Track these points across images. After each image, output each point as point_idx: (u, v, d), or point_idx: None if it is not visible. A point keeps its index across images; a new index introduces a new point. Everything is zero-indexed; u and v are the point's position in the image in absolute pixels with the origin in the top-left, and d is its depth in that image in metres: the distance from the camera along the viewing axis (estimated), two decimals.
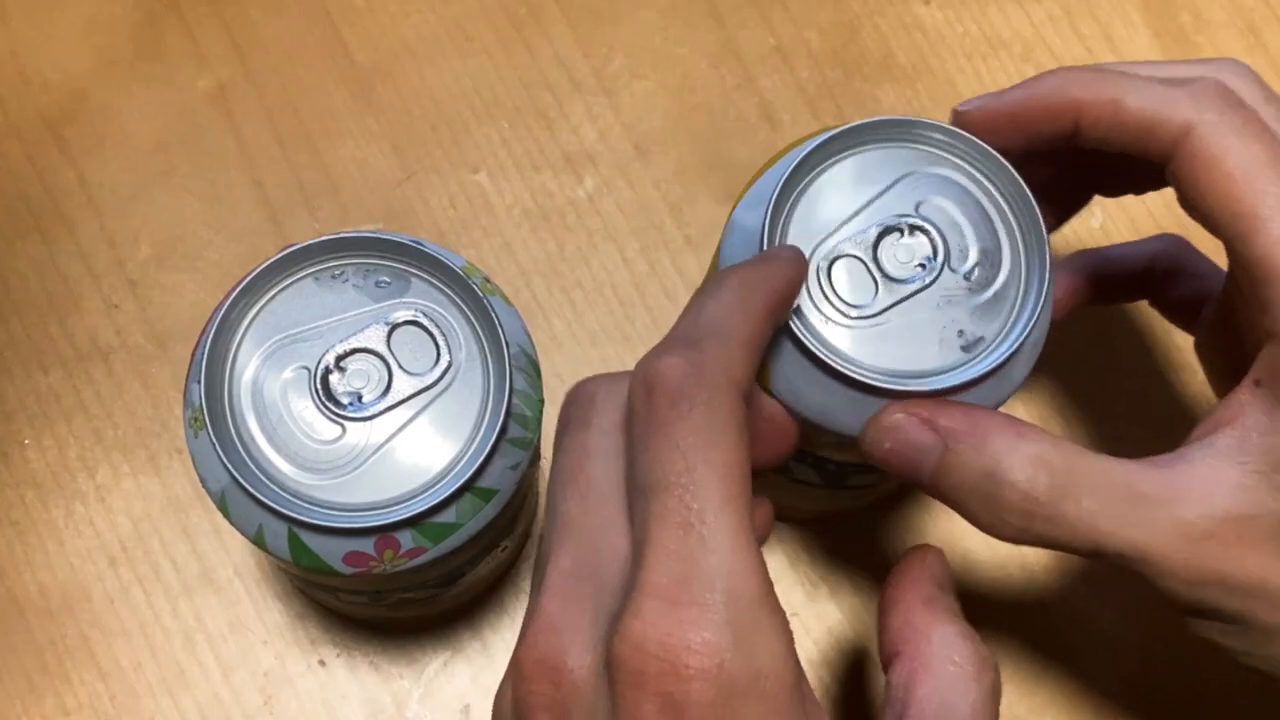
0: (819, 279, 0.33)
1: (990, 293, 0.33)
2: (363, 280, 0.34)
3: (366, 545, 0.32)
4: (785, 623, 0.26)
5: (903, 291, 0.33)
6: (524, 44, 0.49)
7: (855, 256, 0.33)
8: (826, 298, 0.33)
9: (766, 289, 0.29)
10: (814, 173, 0.34)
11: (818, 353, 0.32)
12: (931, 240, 0.33)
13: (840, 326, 0.33)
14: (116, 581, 0.44)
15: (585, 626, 0.26)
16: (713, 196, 0.47)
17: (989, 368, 0.32)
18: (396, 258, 0.34)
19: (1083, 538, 0.31)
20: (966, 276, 0.33)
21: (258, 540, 0.33)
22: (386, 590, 0.37)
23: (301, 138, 0.47)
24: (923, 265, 0.33)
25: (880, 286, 0.33)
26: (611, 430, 0.28)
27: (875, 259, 0.33)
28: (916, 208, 0.34)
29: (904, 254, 0.33)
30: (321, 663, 0.43)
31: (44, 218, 0.46)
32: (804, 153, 0.33)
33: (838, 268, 0.33)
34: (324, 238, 0.33)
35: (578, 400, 0.29)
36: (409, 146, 0.48)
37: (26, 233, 0.46)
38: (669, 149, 0.48)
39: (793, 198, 0.33)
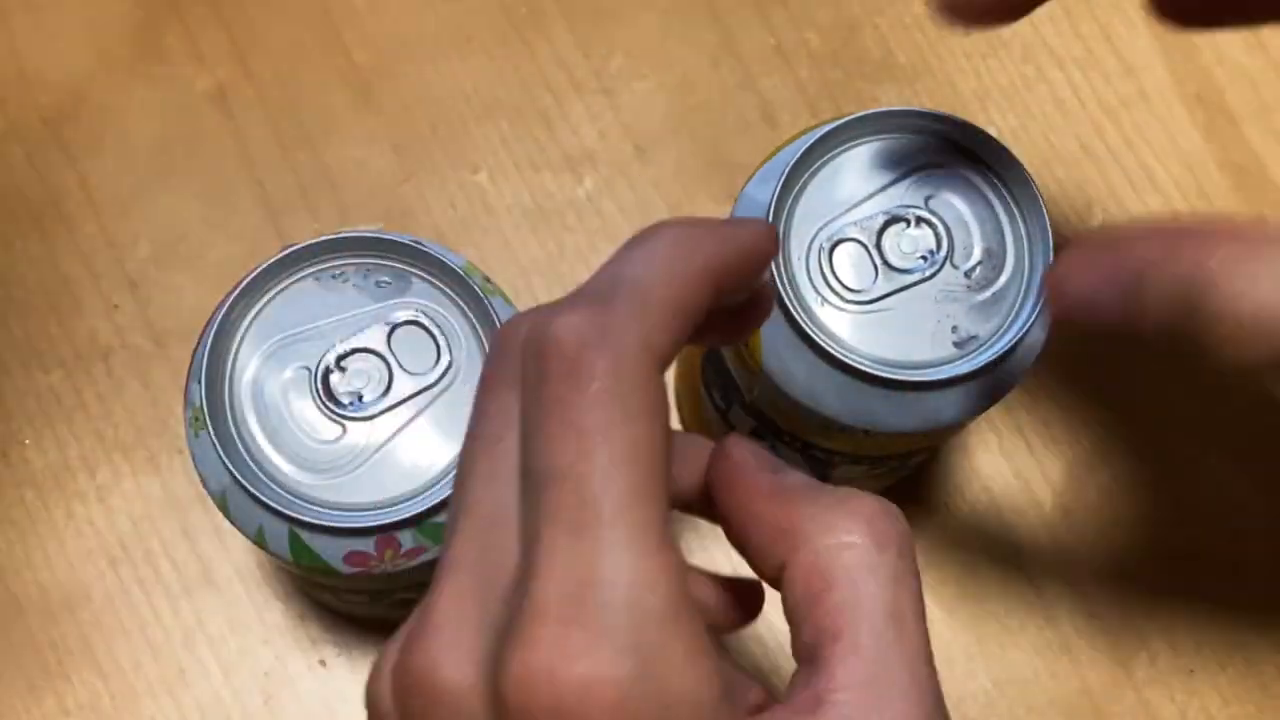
0: (819, 259, 0.33)
1: (989, 293, 0.33)
2: (363, 280, 0.34)
3: (367, 545, 0.32)
4: (698, 629, 0.21)
5: (902, 281, 0.33)
6: (524, 44, 0.49)
7: (859, 241, 0.33)
8: (825, 280, 0.33)
9: (714, 249, 0.23)
10: (831, 154, 0.34)
11: (810, 332, 0.32)
12: (936, 234, 0.33)
13: (835, 309, 0.33)
14: (116, 581, 0.44)
15: (471, 637, 0.22)
16: (713, 196, 0.47)
17: (977, 366, 0.32)
18: (396, 258, 0.34)
19: None
20: (968, 274, 0.33)
21: (258, 540, 0.33)
22: (386, 590, 0.37)
23: (301, 138, 0.47)
24: (925, 258, 0.33)
25: (880, 274, 0.33)
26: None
27: (878, 246, 0.33)
28: (926, 200, 0.34)
29: (908, 244, 0.33)
30: (322, 663, 0.43)
31: (44, 218, 0.46)
32: (824, 131, 0.33)
33: (840, 251, 0.33)
34: (324, 238, 0.33)
35: (504, 350, 0.23)
36: (409, 146, 0.47)
37: (26, 233, 0.46)
38: (669, 149, 0.48)
39: (805, 176, 0.34)
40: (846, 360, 0.32)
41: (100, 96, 0.47)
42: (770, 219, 0.32)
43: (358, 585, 0.36)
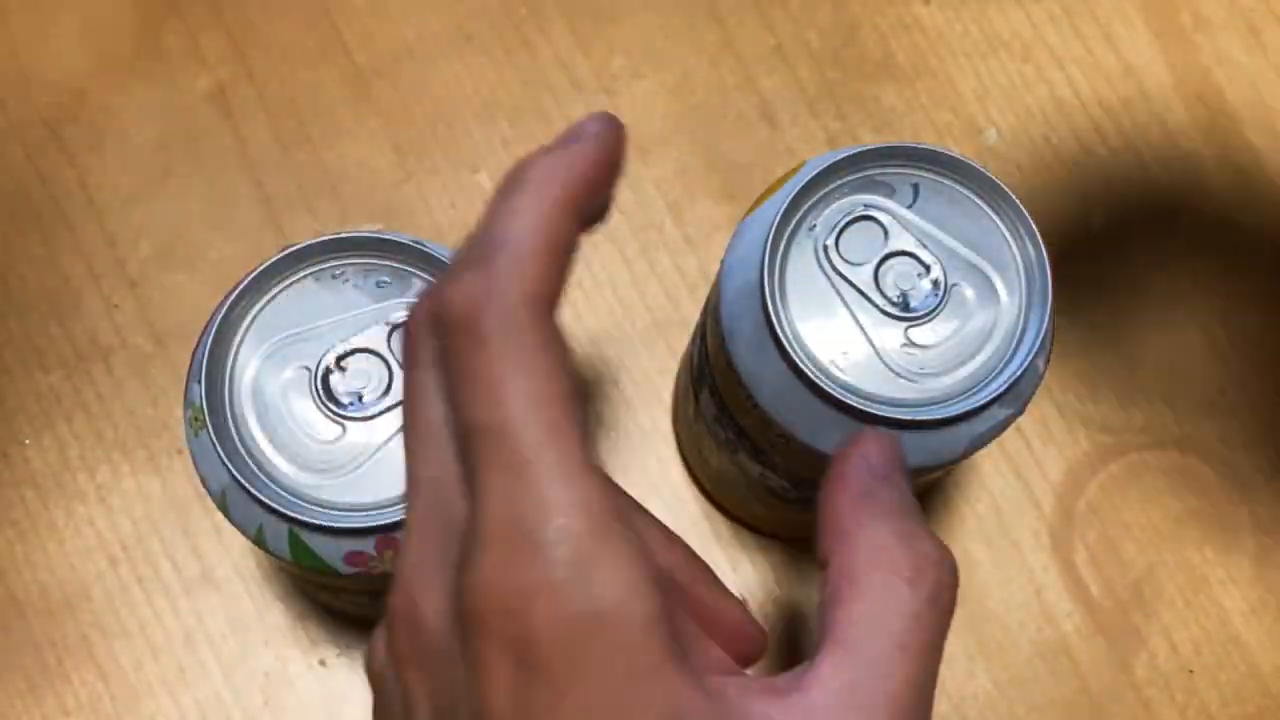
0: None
1: (987, 324, 0.33)
2: (363, 280, 0.34)
3: (367, 545, 0.32)
4: (631, 550, 0.23)
5: (909, 319, 0.33)
6: (524, 44, 0.49)
7: (857, 289, 0.34)
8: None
9: (569, 180, 0.25)
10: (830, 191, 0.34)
11: (796, 360, 0.32)
12: (933, 271, 0.33)
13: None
14: (116, 581, 0.44)
15: (438, 576, 0.25)
16: (712, 196, 0.47)
17: (936, 416, 0.32)
18: (396, 258, 0.34)
19: None
20: (955, 321, 0.33)
21: (258, 540, 0.33)
22: (387, 590, 0.37)
23: (301, 138, 0.47)
24: (913, 295, 0.33)
25: (888, 313, 0.33)
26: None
27: (879, 288, 0.33)
28: (921, 239, 0.34)
29: (904, 283, 0.33)
30: (322, 663, 0.43)
31: (44, 218, 0.46)
32: (811, 178, 0.33)
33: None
34: (324, 238, 0.33)
35: (414, 333, 0.26)
36: (409, 146, 0.48)
37: (26, 233, 0.46)
38: (669, 149, 0.48)
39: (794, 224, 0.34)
40: (826, 388, 0.32)
41: (100, 96, 0.47)
42: (767, 265, 0.32)
43: (357, 585, 0.36)
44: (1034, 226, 0.33)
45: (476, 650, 0.23)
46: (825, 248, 0.33)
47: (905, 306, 0.33)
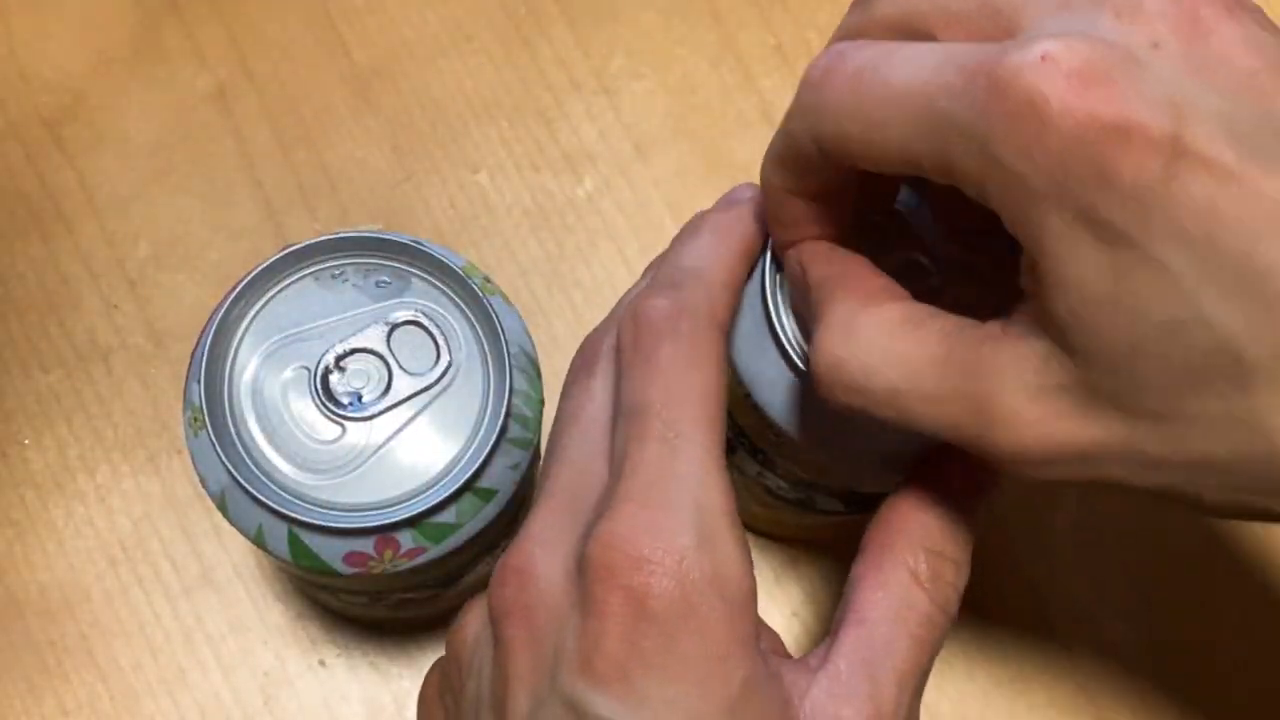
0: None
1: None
2: (363, 280, 0.34)
3: (366, 545, 0.32)
4: (745, 541, 0.27)
5: None
6: (524, 44, 0.49)
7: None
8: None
9: (739, 232, 0.31)
10: None
11: (795, 358, 0.32)
12: (939, 284, 0.33)
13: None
14: (116, 581, 0.44)
15: (563, 540, 0.28)
16: (713, 196, 0.47)
17: None
18: (396, 258, 0.34)
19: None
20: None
21: (258, 540, 0.33)
22: (386, 590, 0.37)
23: (301, 138, 0.47)
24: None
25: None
26: (614, 375, 0.30)
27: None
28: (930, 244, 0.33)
29: (906, 283, 0.33)
30: (322, 663, 0.43)
31: (44, 218, 0.46)
32: None
33: None
34: (324, 238, 0.33)
35: (584, 350, 0.31)
36: (409, 146, 0.48)
37: (26, 233, 0.46)
38: (669, 149, 0.48)
39: None
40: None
41: (100, 96, 0.47)
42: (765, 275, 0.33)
43: (357, 585, 0.36)
44: None
45: (597, 592, 0.26)
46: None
47: None
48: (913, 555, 0.29)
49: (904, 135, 0.25)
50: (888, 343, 0.26)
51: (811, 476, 0.36)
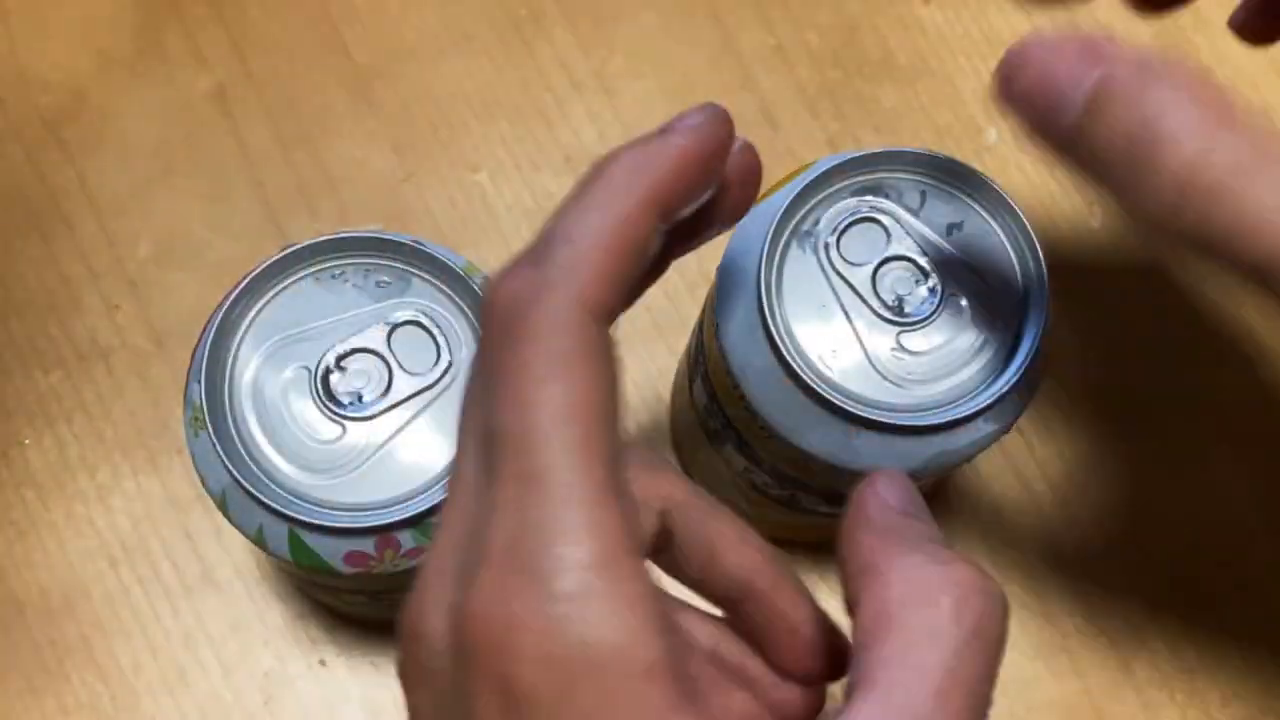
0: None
1: (964, 352, 0.33)
2: (363, 280, 0.34)
3: (367, 545, 0.32)
4: (639, 590, 0.21)
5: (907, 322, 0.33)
6: (524, 44, 0.49)
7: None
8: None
9: (648, 175, 0.23)
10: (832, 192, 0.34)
11: (784, 352, 0.32)
12: (930, 285, 0.33)
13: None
14: (116, 581, 0.44)
15: (447, 588, 0.23)
16: None
17: (917, 423, 0.32)
18: (396, 258, 0.34)
19: (1250, 236, 0.24)
20: (949, 328, 0.33)
21: (258, 540, 0.33)
22: (386, 590, 0.37)
23: (301, 138, 0.47)
24: (908, 300, 0.33)
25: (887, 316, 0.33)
26: None
27: (877, 294, 0.33)
28: (928, 243, 0.34)
29: (901, 287, 0.33)
30: (322, 663, 0.43)
31: (44, 218, 0.46)
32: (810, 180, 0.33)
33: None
34: (324, 238, 0.33)
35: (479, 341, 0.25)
36: (409, 146, 0.48)
37: (26, 233, 0.46)
38: None
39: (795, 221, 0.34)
40: (809, 382, 0.32)
41: (100, 96, 0.47)
42: (764, 269, 0.32)
43: (358, 585, 0.36)
44: (1037, 243, 0.33)
45: (466, 682, 0.22)
46: (826, 245, 0.33)
47: (900, 311, 0.33)
48: (917, 583, 0.24)
49: None
50: None
51: (795, 473, 0.36)
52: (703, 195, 0.25)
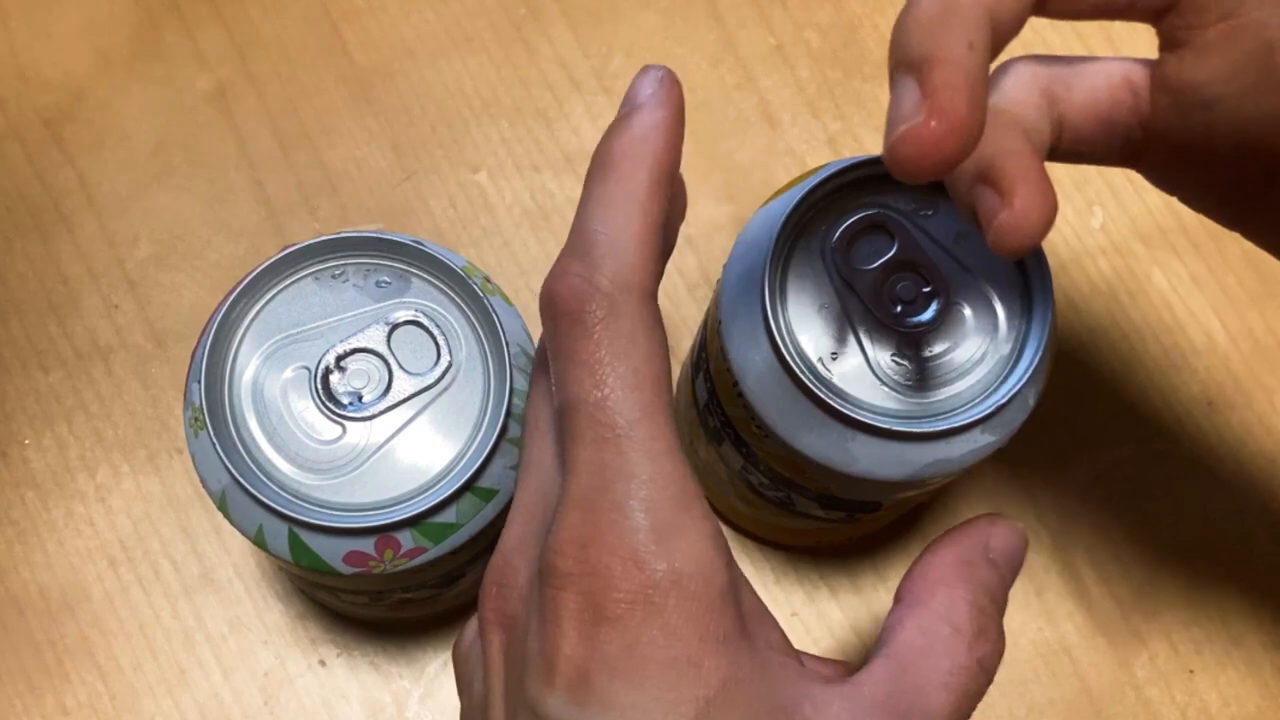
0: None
1: (964, 361, 0.33)
2: (363, 280, 0.34)
3: (366, 545, 0.32)
4: (712, 528, 0.26)
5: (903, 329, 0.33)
6: (524, 44, 0.49)
7: (860, 300, 0.34)
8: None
9: (649, 160, 0.27)
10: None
11: (784, 352, 0.32)
12: (934, 293, 0.33)
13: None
14: (116, 581, 0.44)
15: (532, 548, 0.27)
16: (713, 196, 0.47)
17: (913, 430, 0.32)
18: (396, 258, 0.34)
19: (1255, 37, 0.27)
20: (950, 341, 0.33)
21: (258, 540, 0.33)
22: (386, 590, 0.37)
23: (301, 138, 0.47)
24: (912, 307, 0.33)
25: (886, 326, 0.33)
26: None
27: (878, 286, 0.33)
28: (918, 254, 0.34)
29: (906, 294, 0.33)
30: (322, 663, 0.43)
31: (44, 218, 0.46)
32: (816, 182, 0.33)
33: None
34: (324, 238, 0.33)
35: (540, 347, 0.30)
36: (409, 146, 0.48)
37: (26, 233, 0.46)
38: None
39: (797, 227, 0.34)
40: (811, 387, 0.32)
41: (100, 96, 0.47)
42: (768, 271, 0.32)
43: (358, 585, 0.36)
44: (1045, 257, 0.33)
45: (551, 598, 0.25)
46: (833, 249, 0.33)
47: (903, 318, 0.33)
48: (954, 608, 0.28)
49: None
50: None
51: (790, 474, 0.36)
52: (680, 151, 0.28)
